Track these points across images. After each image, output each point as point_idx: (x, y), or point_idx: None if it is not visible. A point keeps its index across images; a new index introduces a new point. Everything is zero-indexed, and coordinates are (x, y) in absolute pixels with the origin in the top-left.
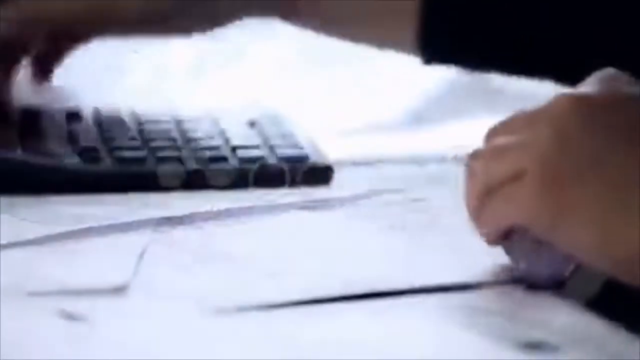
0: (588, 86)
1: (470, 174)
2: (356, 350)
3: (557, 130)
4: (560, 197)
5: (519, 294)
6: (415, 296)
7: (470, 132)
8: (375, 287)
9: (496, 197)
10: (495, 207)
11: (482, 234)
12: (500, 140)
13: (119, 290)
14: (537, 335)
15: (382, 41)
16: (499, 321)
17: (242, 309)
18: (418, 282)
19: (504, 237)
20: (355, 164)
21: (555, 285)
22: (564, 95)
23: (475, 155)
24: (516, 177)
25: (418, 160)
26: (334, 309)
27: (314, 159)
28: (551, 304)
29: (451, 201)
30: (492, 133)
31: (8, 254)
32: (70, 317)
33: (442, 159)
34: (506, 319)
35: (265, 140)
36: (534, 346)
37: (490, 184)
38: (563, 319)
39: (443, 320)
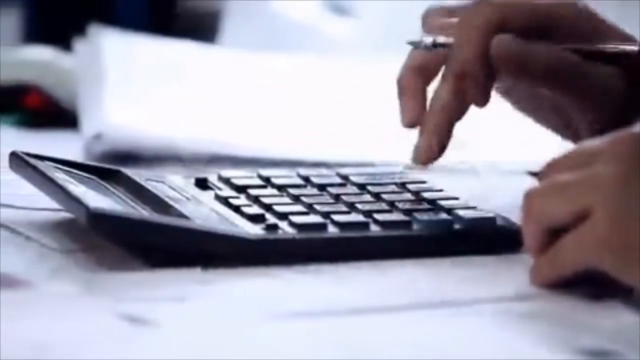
0: None
1: (529, 211)
2: (413, 353)
3: (621, 168)
4: (629, 238)
5: (583, 302)
6: (477, 305)
7: None
8: None
9: (566, 241)
10: (564, 251)
11: (544, 276)
12: (561, 177)
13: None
14: (599, 342)
15: None
16: (561, 328)
17: (300, 315)
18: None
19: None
20: None
21: (623, 294)
22: (626, 132)
23: (533, 192)
24: (581, 216)
25: None
26: (391, 316)
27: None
28: (616, 312)
29: None
30: (550, 169)
31: None
32: (132, 319)
33: None
34: (569, 326)
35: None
36: (596, 353)
37: (553, 223)
38: (628, 327)
39: (499, 327)
